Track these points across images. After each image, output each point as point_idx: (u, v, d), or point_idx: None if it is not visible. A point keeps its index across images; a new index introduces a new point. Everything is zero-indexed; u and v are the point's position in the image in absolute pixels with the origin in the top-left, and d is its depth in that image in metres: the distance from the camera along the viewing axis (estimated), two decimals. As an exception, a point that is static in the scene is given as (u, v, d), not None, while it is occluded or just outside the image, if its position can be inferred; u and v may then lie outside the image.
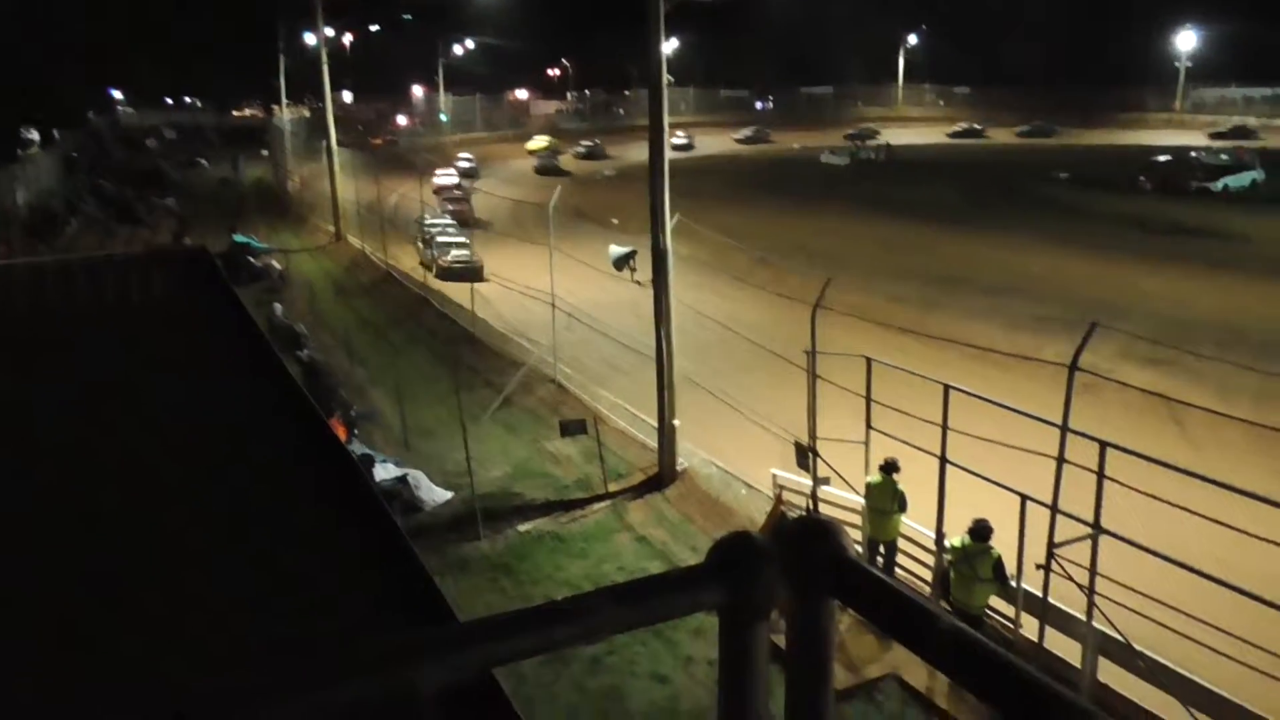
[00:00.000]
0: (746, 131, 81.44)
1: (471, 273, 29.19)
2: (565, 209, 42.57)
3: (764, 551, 1.42)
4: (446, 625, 2.06)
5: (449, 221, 36.50)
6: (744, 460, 15.22)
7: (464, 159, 59.68)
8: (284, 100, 53.91)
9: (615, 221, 33.32)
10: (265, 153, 61.36)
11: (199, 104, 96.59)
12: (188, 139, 76.62)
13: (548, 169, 59.62)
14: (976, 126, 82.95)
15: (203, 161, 64.45)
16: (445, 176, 50.93)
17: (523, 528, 13.55)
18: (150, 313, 5.85)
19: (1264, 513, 7.62)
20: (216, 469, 3.55)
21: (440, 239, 32.58)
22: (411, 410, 17.86)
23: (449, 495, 14.59)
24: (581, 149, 69.60)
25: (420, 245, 33.23)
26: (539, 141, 73.21)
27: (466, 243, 32.46)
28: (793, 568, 1.41)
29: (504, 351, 22.04)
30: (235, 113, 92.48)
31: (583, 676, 9.16)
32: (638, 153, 53.13)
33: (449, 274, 29.92)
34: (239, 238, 33.29)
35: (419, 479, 14.62)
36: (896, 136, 75.01)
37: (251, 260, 31.19)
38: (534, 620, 1.42)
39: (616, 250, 29.37)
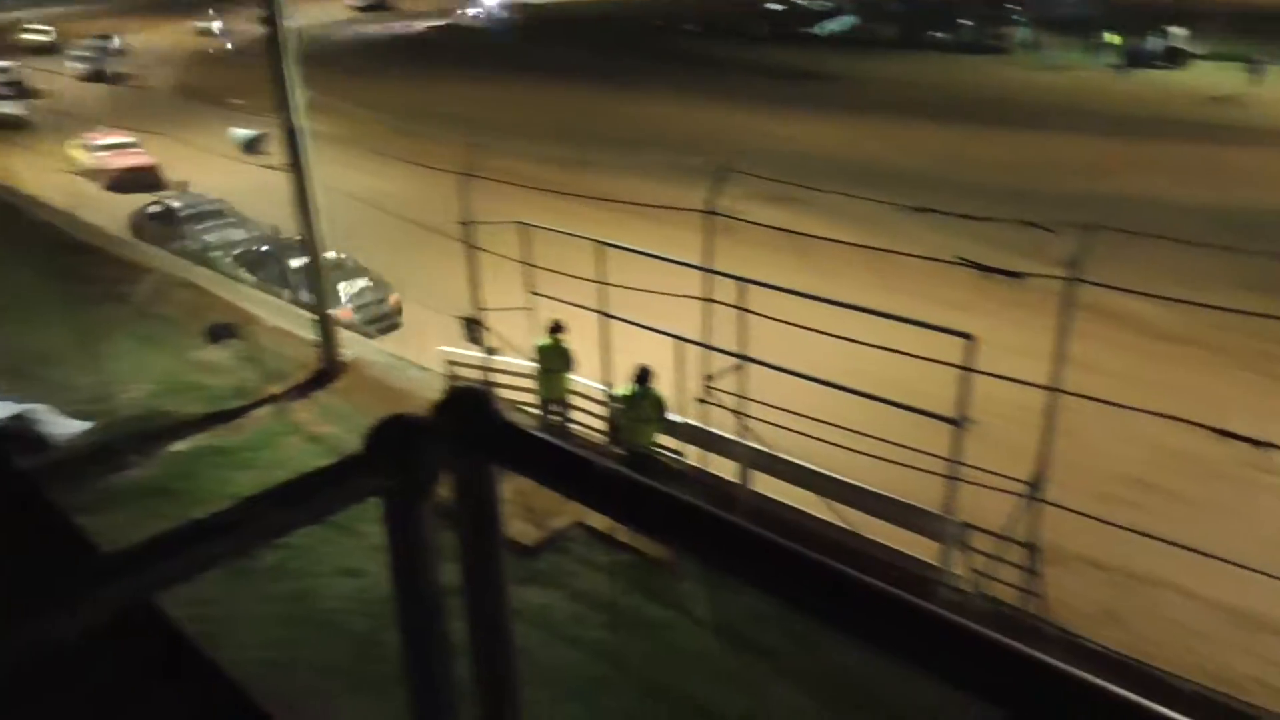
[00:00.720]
0: None
1: (389, 322, 17.22)
2: (180, 91, 38.29)
3: (420, 428, 1.40)
4: (86, 561, 1.88)
5: (212, 204, 21.36)
6: (418, 341, 15.01)
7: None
8: None
9: (240, 102, 30.45)
10: None
11: None
12: None
13: (95, 75, 43.64)
14: None
15: None
16: None
17: (179, 447, 12.53)
18: None
19: (884, 325, 8.73)
20: None
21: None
22: (20, 336, 15.65)
23: (85, 425, 13.10)
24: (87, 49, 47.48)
25: (248, 275, 18.56)
26: (38, 33, 53.79)
27: (362, 268, 17.81)
28: (451, 439, 1.41)
29: (127, 258, 19.76)
30: None
31: (266, 586, 8.80)
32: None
33: (357, 327, 16.46)
34: None
35: (41, 413, 12.96)
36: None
37: None
38: (181, 541, 1.32)
39: (241, 133, 27.11)
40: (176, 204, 21.41)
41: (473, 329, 13.56)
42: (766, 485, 10.37)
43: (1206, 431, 7.62)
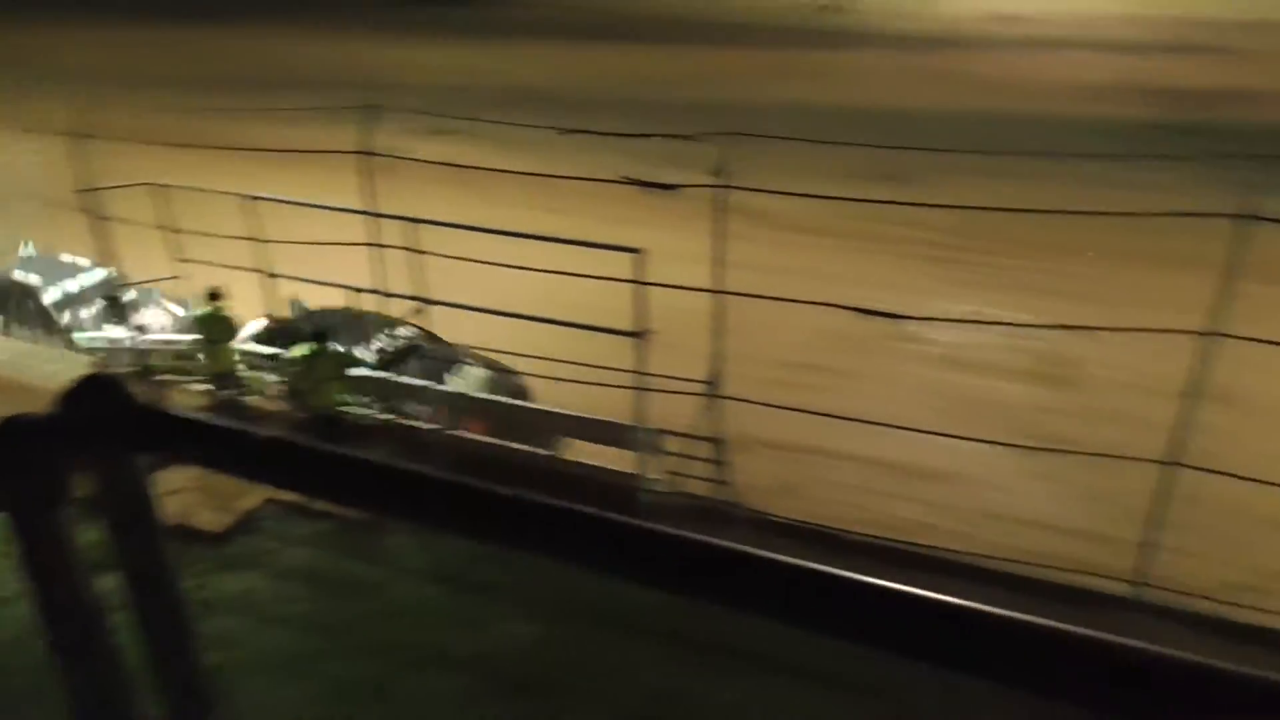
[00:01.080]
0: None
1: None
2: None
3: (39, 427, 1.23)
4: None
5: (91, 272, 13.82)
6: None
7: None
8: None
9: None
10: None
11: None
12: None
13: None
14: None
15: None
16: None
17: None
18: None
19: (560, 250, 8.81)
20: None
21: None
22: None
23: None
24: None
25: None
26: None
27: (457, 348, 11.14)
28: (81, 434, 1.25)
29: None
30: None
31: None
32: None
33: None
34: None
35: None
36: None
37: None
38: None
39: None
40: (16, 273, 13.92)
41: (114, 306, 12.26)
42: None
43: (856, 312, 8.50)
